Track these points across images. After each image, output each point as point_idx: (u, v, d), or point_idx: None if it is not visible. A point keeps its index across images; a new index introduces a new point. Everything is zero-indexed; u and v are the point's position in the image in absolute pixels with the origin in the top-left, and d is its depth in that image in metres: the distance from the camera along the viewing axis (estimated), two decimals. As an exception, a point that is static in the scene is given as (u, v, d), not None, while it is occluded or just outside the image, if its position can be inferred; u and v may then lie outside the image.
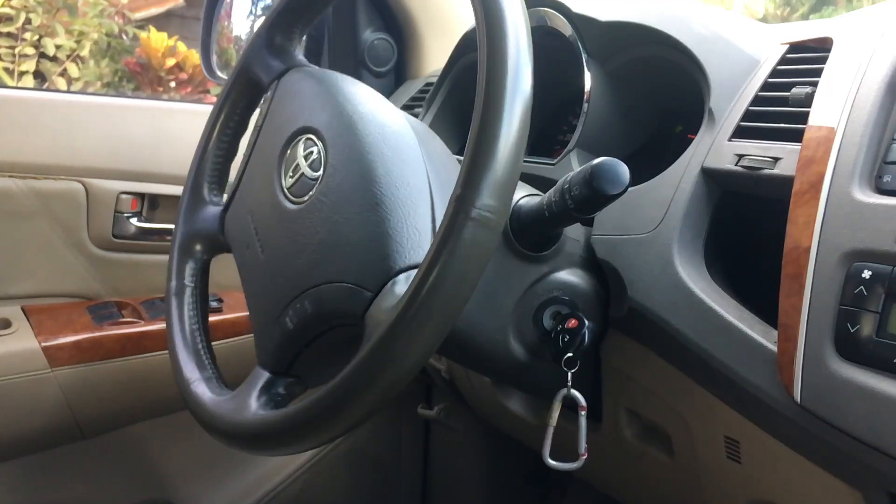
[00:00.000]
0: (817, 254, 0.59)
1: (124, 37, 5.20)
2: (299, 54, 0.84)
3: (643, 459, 0.86)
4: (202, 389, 0.73)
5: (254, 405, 0.66)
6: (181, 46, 5.17)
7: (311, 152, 0.71)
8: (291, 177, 0.72)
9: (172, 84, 5.19)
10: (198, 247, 0.84)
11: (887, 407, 0.53)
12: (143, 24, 5.26)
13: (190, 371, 0.76)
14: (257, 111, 0.87)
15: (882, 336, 0.55)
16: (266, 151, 0.78)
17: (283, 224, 0.71)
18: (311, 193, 0.69)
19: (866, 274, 0.56)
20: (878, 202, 0.57)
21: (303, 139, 0.73)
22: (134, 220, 1.28)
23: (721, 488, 0.77)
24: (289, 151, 0.74)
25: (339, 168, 0.67)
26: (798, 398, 0.58)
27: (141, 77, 5.23)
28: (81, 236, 1.25)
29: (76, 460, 1.22)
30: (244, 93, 0.86)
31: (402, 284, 0.59)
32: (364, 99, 0.73)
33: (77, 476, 1.23)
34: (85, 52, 4.84)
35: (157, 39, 5.11)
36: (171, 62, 5.14)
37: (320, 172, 0.69)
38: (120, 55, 5.16)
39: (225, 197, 0.85)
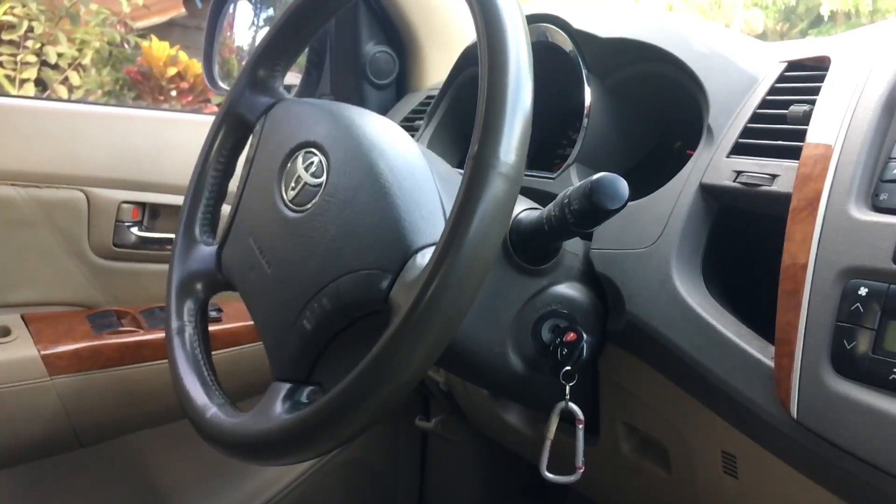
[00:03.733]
0: (814, 270, 0.59)
1: (126, 45, 5.22)
2: (281, 88, 0.85)
3: (640, 473, 0.86)
4: (219, 416, 0.71)
5: (279, 412, 0.65)
6: (182, 56, 5.19)
7: (312, 163, 0.72)
8: (293, 188, 0.73)
9: (173, 93, 5.20)
10: (197, 286, 0.84)
11: (883, 423, 0.54)
12: (144, 34, 5.28)
13: (203, 401, 0.74)
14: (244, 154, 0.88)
15: (878, 353, 0.55)
16: (262, 175, 0.79)
17: (290, 233, 0.71)
18: (314, 200, 0.70)
19: (863, 291, 0.56)
20: (875, 220, 0.57)
21: (301, 153, 0.74)
22: (134, 230, 1.28)
23: (718, 503, 0.77)
24: (288, 166, 0.75)
25: (343, 170, 0.69)
26: (794, 414, 0.58)
27: (142, 86, 5.25)
28: (82, 245, 1.25)
29: (73, 469, 1.22)
30: (231, 134, 0.87)
31: (422, 258, 0.60)
32: (359, 111, 0.75)
33: (74, 485, 1.23)
34: (86, 61, 4.86)
35: (158, 48, 5.14)
36: (172, 71, 5.16)
37: (323, 178, 0.70)
38: (121, 64, 5.18)
39: (219, 236, 0.85)
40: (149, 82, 5.23)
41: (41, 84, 4.70)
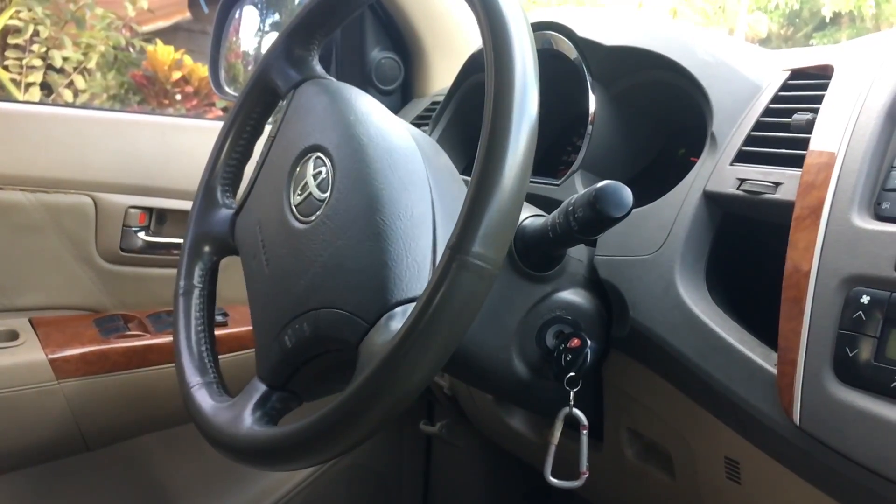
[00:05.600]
0: (817, 278, 0.60)
1: (131, 49, 5.25)
2: (316, 65, 0.85)
3: (644, 479, 0.86)
4: (202, 395, 0.75)
5: (248, 419, 0.67)
6: (187, 60, 5.22)
7: (320, 172, 0.72)
8: (300, 195, 0.73)
9: (178, 97, 5.23)
10: (207, 248, 0.86)
11: (885, 430, 0.54)
12: (149, 38, 5.31)
13: (192, 375, 0.77)
14: (271, 121, 0.89)
15: (880, 360, 0.55)
16: (277, 165, 0.79)
17: (289, 242, 0.72)
18: (317, 214, 0.70)
19: (865, 299, 0.57)
20: (877, 228, 0.58)
21: (313, 157, 0.74)
22: (141, 234, 1.29)
23: (721, 509, 0.78)
24: (298, 169, 0.75)
25: (346, 192, 0.68)
26: (797, 420, 0.59)
27: (147, 90, 5.27)
28: (90, 250, 1.26)
29: (80, 472, 1.23)
30: (260, 99, 0.87)
31: (398, 319, 0.60)
32: (375, 119, 0.73)
33: (81, 488, 1.23)
34: (92, 65, 4.89)
35: (163, 52, 5.16)
36: (177, 75, 5.18)
37: (327, 194, 0.70)
38: (126, 68, 5.21)
39: (237, 202, 0.86)
40: (154, 86, 5.25)
41: (47, 88, 4.72)
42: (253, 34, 1.66)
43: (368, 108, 0.75)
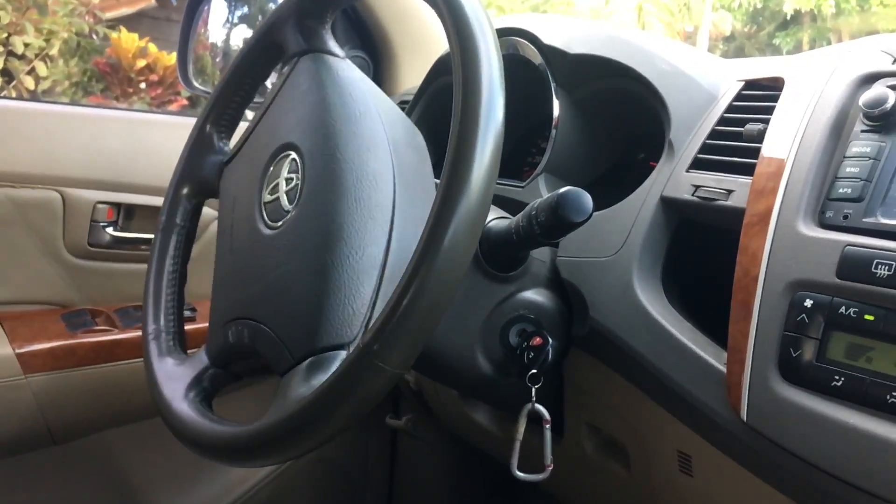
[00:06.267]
0: (764, 282, 0.63)
1: (94, 37, 5.17)
2: (328, 37, 0.79)
3: (602, 472, 0.89)
4: (153, 347, 0.79)
5: (182, 394, 0.72)
6: (152, 48, 5.16)
7: (292, 178, 0.72)
8: (270, 194, 0.73)
9: (143, 85, 5.16)
10: (193, 188, 0.87)
11: (826, 427, 0.58)
12: (113, 25, 5.24)
13: (151, 321, 0.81)
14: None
15: (821, 361, 0.59)
16: (261, 144, 0.78)
17: (252, 242, 0.73)
18: (279, 225, 0.70)
19: (808, 303, 0.60)
20: (821, 236, 0.61)
21: (288, 158, 0.73)
22: (109, 230, 1.29)
23: (674, 501, 0.81)
24: (273, 167, 0.75)
25: (307, 214, 0.68)
26: (745, 417, 0.62)
27: (111, 77, 5.20)
28: (57, 245, 1.25)
29: (47, 466, 1.23)
30: (263, 55, 0.85)
31: (318, 370, 0.62)
32: (358, 130, 0.71)
33: (47, 482, 1.23)
34: (54, 51, 4.81)
35: (127, 40, 5.09)
36: (141, 63, 5.12)
37: (293, 207, 0.70)
38: (90, 55, 5.13)
39: (231, 150, 0.86)
40: (117, 74, 5.19)
41: (7, 74, 4.64)
42: (221, 26, 1.66)
43: (357, 112, 0.72)
